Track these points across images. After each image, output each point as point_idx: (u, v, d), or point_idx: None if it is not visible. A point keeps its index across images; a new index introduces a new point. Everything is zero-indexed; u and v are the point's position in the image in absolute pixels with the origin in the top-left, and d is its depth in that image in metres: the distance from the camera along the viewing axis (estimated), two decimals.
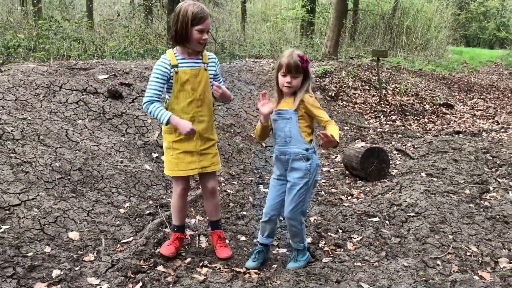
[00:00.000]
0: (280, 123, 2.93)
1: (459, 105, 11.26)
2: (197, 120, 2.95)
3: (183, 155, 2.96)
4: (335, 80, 10.21)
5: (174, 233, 3.17)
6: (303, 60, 2.83)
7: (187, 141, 2.95)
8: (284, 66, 2.83)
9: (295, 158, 2.91)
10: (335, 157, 6.18)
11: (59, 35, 10.18)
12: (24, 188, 3.39)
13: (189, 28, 2.79)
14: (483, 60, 24.83)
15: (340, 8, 14.00)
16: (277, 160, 3.00)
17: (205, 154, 3.02)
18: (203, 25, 2.81)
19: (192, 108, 2.92)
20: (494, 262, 3.18)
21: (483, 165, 5.36)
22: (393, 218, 3.84)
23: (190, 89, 2.90)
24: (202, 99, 2.94)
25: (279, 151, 2.96)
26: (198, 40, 2.84)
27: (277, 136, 2.97)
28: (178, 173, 2.99)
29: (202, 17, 2.79)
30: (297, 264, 3.11)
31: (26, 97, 4.67)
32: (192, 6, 2.80)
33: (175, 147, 2.96)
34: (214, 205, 3.24)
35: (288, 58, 2.82)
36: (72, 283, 2.68)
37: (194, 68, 2.92)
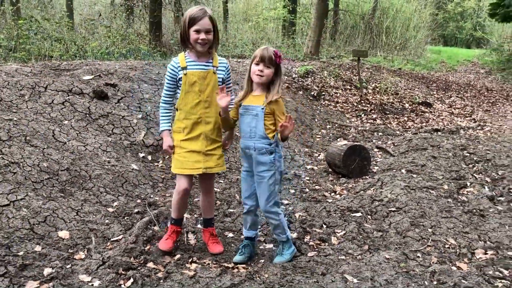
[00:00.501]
0: (246, 118, 3.06)
1: (437, 103, 11.52)
2: (204, 121, 3.04)
3: (189, 154, 3.05)
4: (317, 79, 10.35)
5: (171, 226, 3.27)
6: (277, 55, 2.99)
7: (194, 141, 3.04)
8: (258, 56, 2.97)
9: (259, 153, 3.05)
10: (318, 155, 6.31)
11: (39, 35, 10.09)
12: (12, 189, 3.42)
13: (187, 30, 2.93)
14: (461, 59, 25.34)
15: (321, 8, 14.16)
16: (243, 153, 3.15)
17: (211, 155, 3.09)
18: (198, 25, 2.91)
19: (199, 109, 3.02)
20: (471, 253, 3.33)
21: (460, 162, 5.55)
22: (375, 213, 3.97)
23: (198, 91, 2.99)
24: (209, 101, 3.03)
25: (244, 145, 3.10)
26: (196, 40, 2.95)
27: (242, 130, 3.10)
28: (184, 171, 3.07)
29: (196, 18, 2.90)
30: (283, 258, 3.21)
31: (11, 98, 4.67)
32: (192, 9, 2.95)
33: (182, 145, 3.06)
34: (210, 202, 3.35)
35: (263, 50, 2.98)
36: (64, 281, 2.73)
37: (202, 70, 3.01)
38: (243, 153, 3.14)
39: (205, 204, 3.35)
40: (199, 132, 3.04)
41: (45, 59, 8.54)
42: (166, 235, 3.25)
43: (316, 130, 7.64)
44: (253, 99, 3.07)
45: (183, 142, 3.06)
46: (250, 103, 3.06)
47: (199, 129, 3.04)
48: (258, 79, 3.01)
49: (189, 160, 3.05)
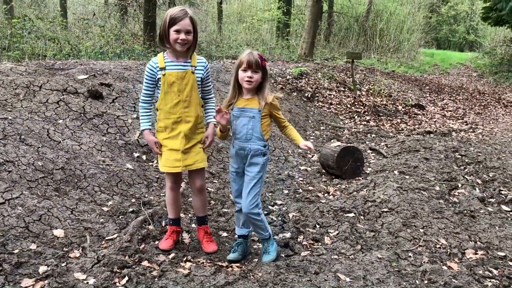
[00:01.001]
0: (242, 120, 3.09)
1: (430, 106, 11.62)
2: (184, 120, 3.08)
3: (169, 153, 3.11)
4: (311, 81, 10.41)
5: (170, 227, 3.33)
6: (262, 59, 3.05)
7: (173, 139, 3.10)
8: (245, 62, 3.01)
9: (254, 154, 3.10)
10: (311, 156, 6.35)
11: (33, 34, 10.07)
12: (7, 187, 3.42)
13: (167, 29, 2.95)
14: (454, 62, 25.55)
15: (315, 10, 14.24)
16: (236, 155, 3.17)
17: (188, 153, 3.13)
18: (178, 26, 2.93)
19: (179, 109, 3.05)
20: (462, 253, 3.38)
21: (452, 163, 5.62)
22: (367, 213, 4.02)
23: (177, 91, 3.02)
24: (188, 101, 3.06)
25: (239, 146, 3.12)
26: (176, 40, 2.96)
27: (238, 132, 3.12)
28: (165, 169, 3.16)
29: (177, 18, 2.92)
30: (270, 256, 3.24)
31: (6, 97, 4.67)
32: (173, 9, 2.97)
33: (164, 144, 3.13)
34: (201, 201, 3.37)
35: (249, 55, 3.02)
36: (60, 279, 2.75)
37: (181, 71, 3.04)
38: (237, 155, 3.16)
39: (198, 203, 3.38)
40: (178, 131, 3.09)
41: (38, 58, 8.53)
42: (166, 235, 3.32)
43: (309, 131, 7.69)
44: (246, 101, 3.11)
45: (165, 141, 3.13)
46: (245, 105, 3.10)
47: (178, 128, 3.09)
48: (248, 85, 3.05)
49: (169, 158, 3.12)
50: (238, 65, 3.06)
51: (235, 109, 3.12)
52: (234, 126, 3.14)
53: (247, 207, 3.09)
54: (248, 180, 3.12)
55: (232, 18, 20.92)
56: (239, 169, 3.20)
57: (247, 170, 3.13)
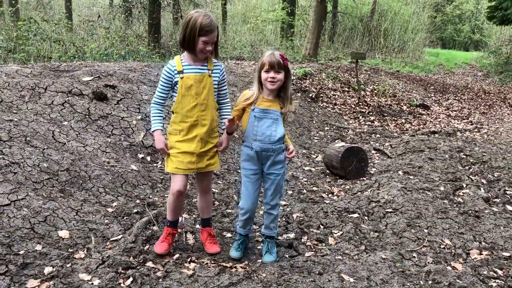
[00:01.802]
0: (266, 122, 3.11)
1: (435, 106, 11.58)
2: (200, 123, 3.07)
3: (182, 155, 3.08)
4: (315, 81, 10.41)
5: (167, 228, 3.29)
6: (284, 58, 3.05)
7: (188, 142, 3.07)
8: (267, 64, 3.03)
9: (277, 153, 3.17)
10: (316, 157, 6.36)
11: (38, 36, 10.13)
12: (13, 189, 3.45)
13: (196, 37, 2.92)
14: (459, 62, 25.46)
15: (319, 10, 14.23)
16: (256, 156, 3.16)
17: (203, 156, 3.13)
18: (208, 37, 2.93)
19: (196, 112, 3.04)
20: (466, 254, 3.37)
21: (457, 164, 5.60)
22: (371, 214, 4.02)
23: (194, 94, 3.02)
24: (205, 104, 3.06)
25: (261, 148, 3.13)
26: (202, 50, 2.97)
27: (260, 133, 3.12)
28: (178, 171, 3.10)
29: (209, 30, 2.91)
30: (272, 256, 3.27)
31: (12, 99, 4.71)
32: (202, 17, 2.92)
33: (177, 146, 3.09)
34: (207, 202, 3.38)
35: (270, 56, 3.04)
36: (65, 279, 2.77)
37: (198, 74, 3.04)
38: (257, 156, 3.16)
39: (203, 204, 3.39)
40: (195, 134, 3.07)
41: (44, 60, 8.58)
42: (162, 237, 3.28)
43: (314, 131, 7.69)
44: (269, 103, 3.12)
45: (178, 143, 3.09)
46: (268, 107, 3.12)
47: (195, 131, 3.07)
48: (271, 85, 3.06)
49: (183, 160, 3.08)
50: (261, 67, 3.08)
51: (257, 110, 3.12)
52: (255, 127, 3.13)
53: (274, 200, 3.23)
54: (273, 177, 3.20)
55: (237, 19, 20.95)
56: (257, 170, 3.21)
57: (272, 168, 3.19)
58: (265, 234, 3.35)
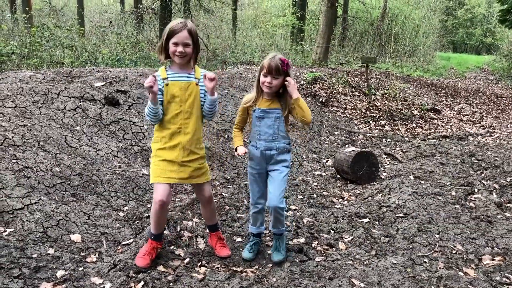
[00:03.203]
0: (267, 121, 3.15)
1: (446, 110, 11.51)
2: (183, 131, 3.04)
3: (163, 163, 3.04)
4: (325, 86, 10.41)
5: (151, 241, 3.17)
6: (284, 64, 3.05)
7: (170, 150, 3.04)
8: (266, 68, 3.05)
9: (280, 152, 3.18)
10: (326, 161, 6.35)
11: (51, 42, 10.27)
12: (26, 193, 3.49)
13: (164, 41, 2.96)
14: (470, 66, 25.28)
15: (329, 15, 14.23)
16: (261, 156, 3.19)
17: (185, 166, 3.07)
18: (176, 38, 2.92)
19: (179, 119, 3.03)
20: (478, 259, 3.34)
21: (468, 168, 5.56)
22: (382, 219, 4.00)
23: (179, 101, 3.01)
24: (190, 112, 3.04)
25: (265, 147, 3.17)
26: (174, 53, 2.96)
27: (263, 133, 3.16)
28: (157, 179, 3.05)
29: (175, 31, 2.92)
30: (281, 255, 3.31)
31: (25, 104, 4.78)
32: (173, 22, 2.98)
33: (158, 154, 3.06)
34: (211, 211, 3.38)
35: (270, 60, 3.04)
36: (77, 283, 2.80)
37: (184, 81, 3.03)
38: (261, 155, 3.19)
39: (207, 214, 3.39)
40: (177, 142, 3.03)
41: (57, 65, 8.69)
42: (144, 250, 3.13)
43: (324, 136, 7.68)
44: (268, 102, 3.16)
45: (159, 151, 3.06)
46: (268, 106, 3.16)
47: (177, 139, 3.03)
48: (267, 89, 3.10)
49: (163, 168, 3.03)
50: (261, 69, 3.11)
51: (258, 111, 3.16)
52: (258, 127, 3.17)
53: (277, 201, 3.14)
54: (276, 175, 3.18)
55: (247, 24, 21.04)
56: (261, 170, 3.23)
57: (275, 167, 3.20)
58: (273, 232, 3.39)
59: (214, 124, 5.99)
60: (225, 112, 6.44)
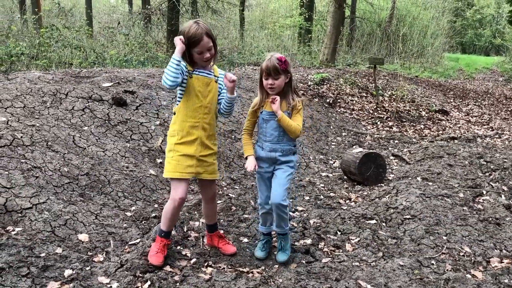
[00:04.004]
0: (273, 123, 3.16)
1: (454, 111, 11.44)
2: (201, 126, 3.08)
3: (182, 158, 3.05)
4: (332, 87, 10.38)
5: (161, 239, 3.17)
6: (281, 62, 3.04)
7: (188, 145, 3.06)
8: (264, 70, 3.07)
9: (285, 154, 3.20)
10: (333, 163, 6.33)
11: (60, 43, 10.34)
12: (34, 192, 3.52)
13: (190, 51, 2.95)
14: (479, 67, 25.10)
15: (337, 15, 14.20)
16: (266, 156, 3.21)
17: (202, 161, 3.11)
18: (200, 48, 2.94)
19: (199, 113, 3.06)
20: (486, 262, 3.32)
21: (477, 170, 5.52)
22: (389, 220, 3.98)
23: (200, 96, 3.05)
24: (209, 107, 3.10)
25: (270, 148, 3.19)
26: (201, 59, 3.00)
27: (269, 134, 3.19)
28: (175, 174, 3.06)
29: (196, 40, 2.90)
30: (286, 254, 3.33)
31: (34, 105, 4.81)
32: (188, 28, 2.92)
33: (176, 149, 3.07)
34: (213, 210, 3.39)
35: (267, 62, 3.06)
36: (84, 282, 2.81)
37: (206, 77, 3.08)
38: (267, 156, 3.21)
39: (209, 212, 3.39)
40: (195, 137, 3.06)
41: (65, 66, 8.75)
42: (156, 248, 3.13)
43: (331, 137, 7.66)
44: None
45: (177, 146, 3.06)
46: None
47: (195, 133, 3.06)
48: (271, 91, 3.12)
49: (182, 164, 3.05)
50: (261, 72, 3.14)
51: (265, 113, 3.18)
52: (264, 129, 3.21)
53: (279, 198, 3.15)
54: (280, 174, 3.20)
55: (254, 25, 21.05)
56: (268, 168, 3.25)
57: (280, 167, 3.22)
58: (277, 232, 3.40)
59: (221, 124, 6.00)
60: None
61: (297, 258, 3.39)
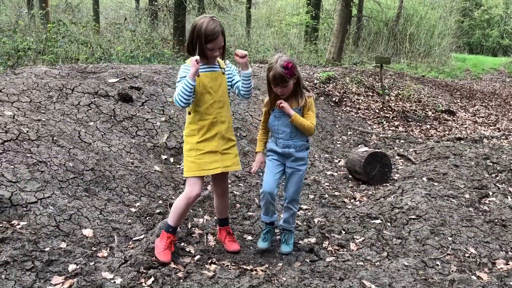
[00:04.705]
0: (285, 120, 3.21)
1: (461, 112, 11.38)
2: (219, 121, 3.10)
3: (207, 155, 3.08)
4: (338, 86, 10.35)
5: (168, 235, 3.16)
6: (287, 70, 3.04)
7: (210, 141, 3.08)
8: (272, 81, 3.10)
9: (299, 150, 3.26)
10: (338, 161, 6.31)
11: (67, 39, 10.35)
12: (40, 187, 3.53)
13: (203, 45, 2.94)
14: (486, 68, 24.93)
15: (344, 14, 14.14)
16: (281, 151, 3.27)
17: (227, 154, 3.16)
18: (213, 45, 2.95)
19: (214, 109, 3.07)
20: (492, 263, 3.30)
21: (483, 171, 5.48)
22: (394, 220, 3.96)
23: (212, 91, 3.05)
24: (223, 101, 3.11)
25: (283, 144, 3.25)
26: (211, 55, 3.02)
27: (281, 131, 3.24)
28: (202, 172, 3.08)
29: (213, 37, 2.92)
30: (289, 247, 3.41)
31: (40, 99, 4.82)
32: (206, 23, 2.91)
33: (198, 148, 3.07)
34: (226, 203, 3.44)
35: (273, 72, 3.06)
36: (88, 277, 2.81)
37: (213, 71, 3.09)
38: (281, 151, 3.27)
39: (221, 206, 3.43)
40: (215, 132, 3.08)
41: (71, 61, 8.77)
42: (163, 245, 3.13)
43: (336, 136, 7.64)
44: (288, 103, 3.18)
45: (199, 144, 3.07)
46: None
47: (215, 129, 3.08)
48: (282, 97, 3.17)
49: (207, 161, 3.08)
50: (268, 81, 3.16)
51: (276, 110, 3.22)
52: (276, 126, 3.25)
53: (293, 195, 3.33)
54: (294, 172, 3.29)
55: (261, 22, 21.01)
56: (280, 160, 3.30)
57: (293, 164, 3.29)
58: (283, 227, 3.45)
59: None
60: (238, 110, 6.44)
61: (301, 257, 3.38)
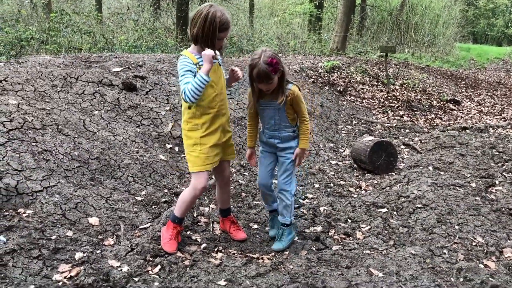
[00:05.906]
0: (269, 112, 3.18)
1: (466, 101, 11.31)
2: (221, 113, 3.07)
3: (210, 149, 3.04)
4: (343, 75, 10.29)
5: (174, 225, 3.14)
6: (271, 66, 2.93)
7: (213, 134, 3.05)
8: (256, 79, 3.00)
9: (285, 140, 3.23)
10: (343, 151, 6.29)
11: (70, 28, 10.31)
12: (45, 175, 3.52)
13: (216, 34, 2.87)
14: (491, 57, 24.75)
15: (348, 3, 14.03)
16: (268, 143, 3.29)
17: (225, 146, 3.19)
18: (225, 33, 2.94)
19: (216, 102, 3.02)
20: (499, 252, 3.28)
21: (489, 160, 5.45)
22: (401, 209, 3.95)
23: (214, 84, 3.00)
24: (223, 93, 3.09)
25: (269, 135, 3.25)
26: (218, 45, 2.99)
27: (266, 123, 3.24)
28: (207, 167, 3.05)
29: (225, 28, 2.90)
30: (281, 244, 3.31)
31: (44, 88, 4.80)
32: (219, 13, 2.85)
33: (202, 142, 3.02)
34: (229, 193, 3.43)
35: (257, 69, 2.94)
36: (95, 265, 2.81)
37: (214, 63, 3.02)
38: (266, 143, 3.29)
39: (224, 196, 3.42)
40: (218, 125, 3.06)
41: (75, 51, 8.74)
42: (169, 235, 3.12)
43: (341, 125, 7.60)
44: (270, 96, 3.13)
45: (203, 139, 3.02)
46: (270, 99, 3.14)
47: (218, 122, 3.06)
48: (267, 92, 3.10)
49: (211, 154, 3.05)
50: (251, 78, 3.06)
51: (261, 102, 3.20)
52: (262, 117, 3.26)
53: (281, 183, 3.27)
54: (282, 161, 3.28)
55: (264, 12, 20.85)
56: (270, 150, 3.32)
57: (281, 153, 3.28)
58: (280, 221, 3.41)
59: (231, 111, 5.96)
60: (242, 100, 6.41)
61: (307, 245, 3.37)
